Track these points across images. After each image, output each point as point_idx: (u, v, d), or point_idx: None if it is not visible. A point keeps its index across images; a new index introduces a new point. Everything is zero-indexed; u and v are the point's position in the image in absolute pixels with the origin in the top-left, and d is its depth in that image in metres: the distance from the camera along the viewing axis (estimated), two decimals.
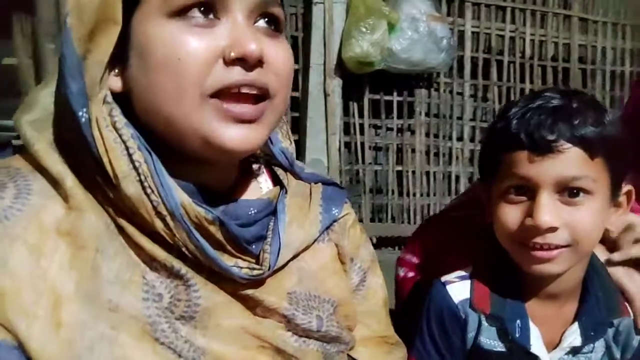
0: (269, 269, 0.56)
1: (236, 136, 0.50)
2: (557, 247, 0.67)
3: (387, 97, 3.24)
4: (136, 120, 0.52)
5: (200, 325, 0.52)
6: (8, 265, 0.46)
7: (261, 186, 0.65)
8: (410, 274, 0.96)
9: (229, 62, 0.49)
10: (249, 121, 0.51)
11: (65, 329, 0.45)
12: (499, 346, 0.74)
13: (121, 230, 0.50)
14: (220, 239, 0.53)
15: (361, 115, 3.20)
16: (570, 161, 0.64)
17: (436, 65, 3.06)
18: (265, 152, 0.66)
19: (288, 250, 0.59)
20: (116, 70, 0.52)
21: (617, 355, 0.75)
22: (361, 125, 3.20)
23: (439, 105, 3.38)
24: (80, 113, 0.48)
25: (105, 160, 0.48)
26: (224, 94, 0.50)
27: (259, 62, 0.50)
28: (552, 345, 0.74)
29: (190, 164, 0.54)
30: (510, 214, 0.69)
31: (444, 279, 0.78)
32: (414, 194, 3.34)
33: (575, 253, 0.68)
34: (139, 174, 0.49)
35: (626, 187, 0.72)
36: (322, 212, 0.64)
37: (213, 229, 0.52)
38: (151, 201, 0.49)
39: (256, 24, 0.52)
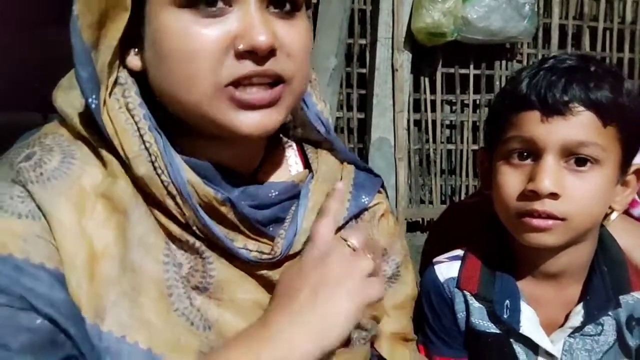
0: (280, 254, 0.55)
1: (251, 122, 0.51)
2: (554, 217, 0.63)
3: (463, 71, 3.03)
4: (154, 97, 0.54)
5: (215, 296, 0.53)
6: (54, 217, 0.48)
7: (290, 168, 0.64)
8: None
9: (239, 54, 0.49)
10: (265, 106, 0.51)
11: (96, 282, 0.48)
12: (492, 327, 0.71)
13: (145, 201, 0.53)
14: (232, 220, 0.53)
15: (433, 91, 3.02)
16: (580, 125, 0.61)
17: (518, 35, 2.81)
18: (299, 123, 0.65)
19: (305, 236, 0.58)
20: (135, 50, 0.53)
21: (631, 343, 0.68)
22: (433, 102, 3.03)
23: None
24: (90, 100, 0.50)
25: (116, 142, 0.50)
26: (237, 82, 0.50)
27: (270, 52, 0.50)
28: (555, 327, 0.69)
29: (208, 142, 0.55)
30: (512, 178, 0.66)
31: (435, 259, 0.76)
32: None
33: (570, 227, 0.64)
34: (149, 154, 0.51)
35: (636, 166, 0.67)
36: (351, 199, 0.63)
37: (224, 209, 0.53)
38: (162, 181, 0.51)
39: (269, 8, 0.51)
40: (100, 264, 0.49)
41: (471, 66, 3.03)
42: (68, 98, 0.54)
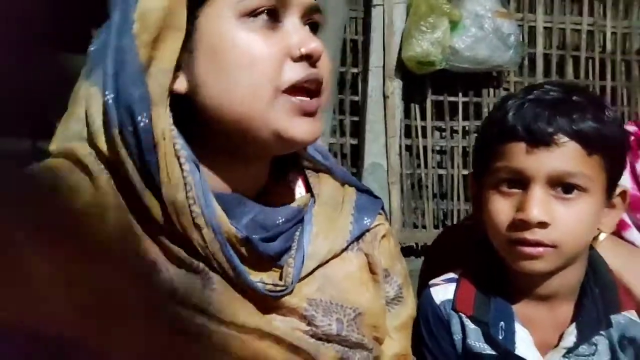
0: (292, 283, 0.57)
1: (305, 129, 0.55)
2: (544, 245, 0.64)
3: (452, 98, 3.12)
4: (189, 123, 0.54)
5: (216, 317, 0.53)
6: None
7: (294, 191, 0.66)
8: None
9: (297, 59, 0.54)
10: (313, 113, 0.56)
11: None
12: (488, 349, 0.71)
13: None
14: (245, 254, 0.55)
15: (423, 118, 3.10)
16: (566, 155, 0.63)
17: (504, 64, 2.91)
18: (300, 151, 0.67)
19: (312, 261, 0.60)
20: (179, 72, 0.53)
21: None
22: (423, 128, 3.11)
23: None
24: (140, 118, 0.50)
25: (162, 165, 0.51)
26: (292, 89, 0.54)
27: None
28: (550, 348, 0.70)
29: (223, 170, 0.57)
30: (501, 207, 0.67)
31: (431, 282, 0.76)
32: None
33: (560, 253, 0.65)
34: (185, 184, 0.51)
35: (621, 188, 0.69)
36: (353, 221, 0.65)
37: (242, 246, 0.55)
38: (191, 212, 0.51)
39: (305, 26, 0.57)
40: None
41: (460, 94, 3.12)
42: (70, 133, 0.54)
